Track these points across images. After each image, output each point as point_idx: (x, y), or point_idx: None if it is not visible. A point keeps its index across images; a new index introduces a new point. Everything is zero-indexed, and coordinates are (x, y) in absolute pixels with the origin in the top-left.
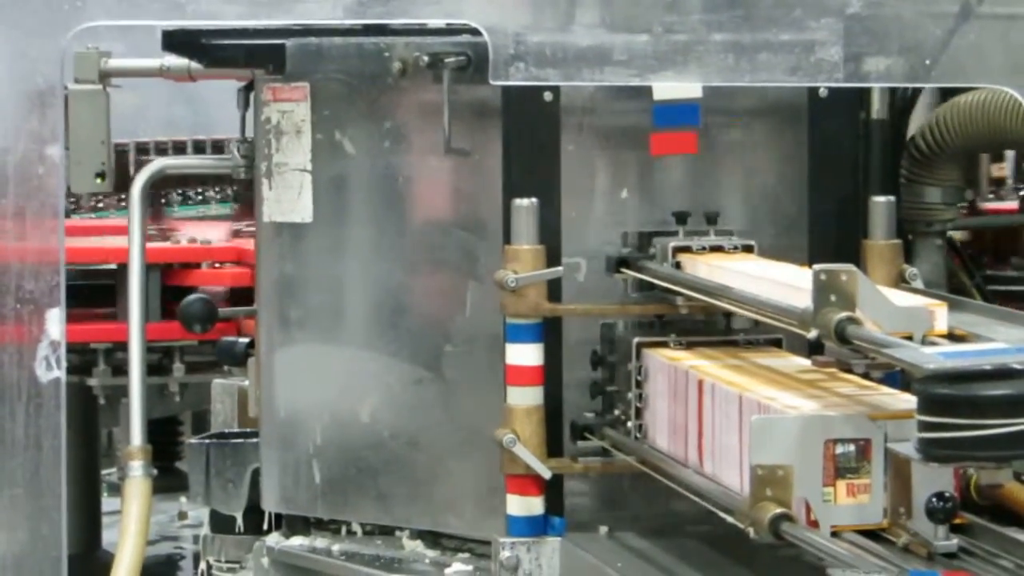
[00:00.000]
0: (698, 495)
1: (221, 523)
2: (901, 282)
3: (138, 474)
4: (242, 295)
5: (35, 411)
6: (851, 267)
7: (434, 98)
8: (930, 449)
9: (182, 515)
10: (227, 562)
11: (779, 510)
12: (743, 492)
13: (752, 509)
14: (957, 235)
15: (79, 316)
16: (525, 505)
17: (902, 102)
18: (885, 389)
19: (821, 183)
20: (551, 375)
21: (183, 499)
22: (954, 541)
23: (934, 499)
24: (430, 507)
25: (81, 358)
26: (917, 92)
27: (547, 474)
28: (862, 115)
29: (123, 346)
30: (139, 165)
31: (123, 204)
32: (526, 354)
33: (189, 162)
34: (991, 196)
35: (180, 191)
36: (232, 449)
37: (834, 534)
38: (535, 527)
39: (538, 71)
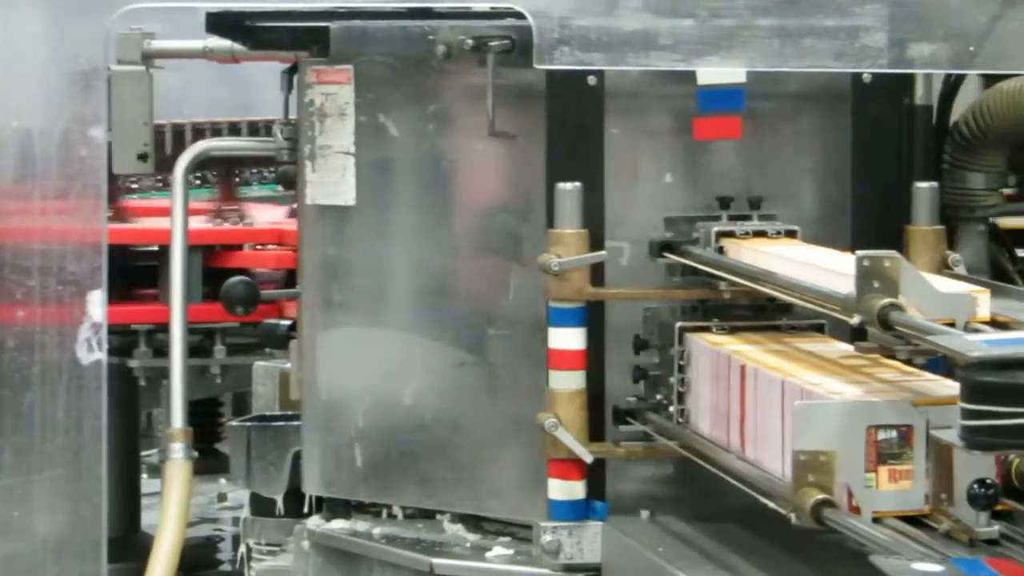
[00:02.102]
0: (740, 480)
1: (261, 506)
2: (944, 268)
3: (179, 456)
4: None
5: (76, 393)
6: (894, 253)
7: (478, 81)
8: (973, 436)
9: (222, 497)
10: (267, 545)
11: (821, 496)
12: (785, 477)
13: (794, 495)
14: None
15: (121, 297)
16: (567, 489)
17: (946, 87)
18: (928, 375)
19: (864, 169)
20: (594, 359)
21: (223, 481)
22: (996, 527)
23: (976, 485)
24: (472, 491)
25: (122, 339)
26: (960, 78)
27: (589, 458)
28: (906, 100)
29: (164, 327)
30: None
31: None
32: (569, 338)
33: (233, 144)
34: None
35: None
36: (274, 432)
37: (876, 520)
38: (577, 511)
39: (583, 55)
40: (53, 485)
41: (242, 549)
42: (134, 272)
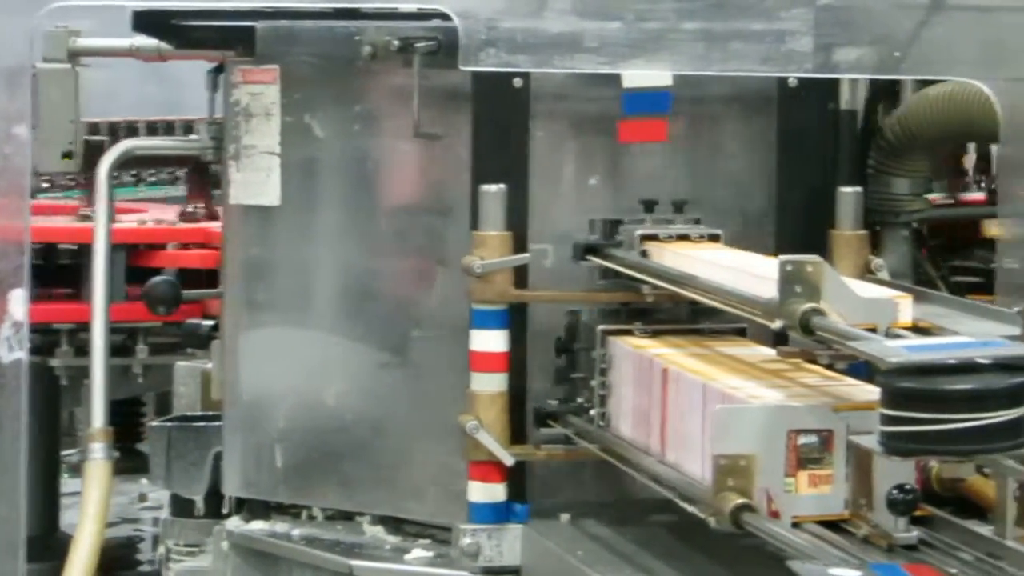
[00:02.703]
0: (660, 484)
1: (181, 506)
2: (867, 273)
3: (99, 456)
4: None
5: None
6: (817, 258)
7: (404, 82)
8: (892, 442)
9: (143, 497)
10: (186, 545)
11: (740, 500)
12: (705, 481)
13: (714, 498)
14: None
15: (42, 296)
16: (487, 492)
17: (872, 92)
18: (849, 380)
19: (789, 173)
20: (516, 361)
21: (144, 481)
22: (914, 533)
23: (895, 491)
24: (392, 493)
25: (44, 338)
26: (887, 83)
27: (510, 461)
28: (831, 105)
29: (86, 327)
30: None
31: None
32: (491, 340)
33: (157, 143)
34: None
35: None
36: (194, 432)
37: (795, 524)
38: (497, 514)
39: (508, 57)
40: None
41: (161, 550)
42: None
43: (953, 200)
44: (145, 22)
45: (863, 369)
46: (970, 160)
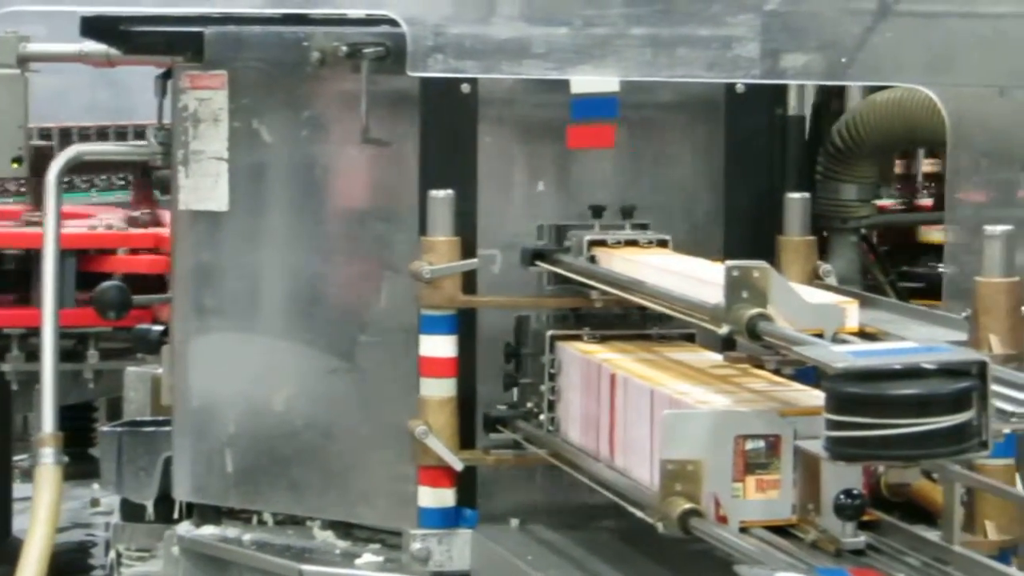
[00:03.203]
0: (609, 489)
1: (132, 511)
2: (815, 278)
3: (49, 461)
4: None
5: None
6: (763, 264)
7: (352, 88)
8: (838, 447)
9: (95, 502)
10: (137, 550)
11: (688, 505)
12: (653, 486)
13: (662, 503)
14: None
15: None
16: (437, 497)
17: (819, 98)
18: (796, 385)
19: (737, 179)
20: (465, 367)
21: (96, 486)
22: (862, 538)
23: (842, 496)
24: (342, 498)
25: None
26: (834, 89)
27: (459, 466)
28: (778, 111)
29: (37, 331)
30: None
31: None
32: (440, 345)
33: (106, 148)
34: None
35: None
36: (144, 437)
37: (743, 529)
38: (446, 519)
39: (456, 63)
40: None
41: (112, 555)
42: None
43: (902, 206)
44: (94, 27)
45: (810, 374)
46: (919, 166)
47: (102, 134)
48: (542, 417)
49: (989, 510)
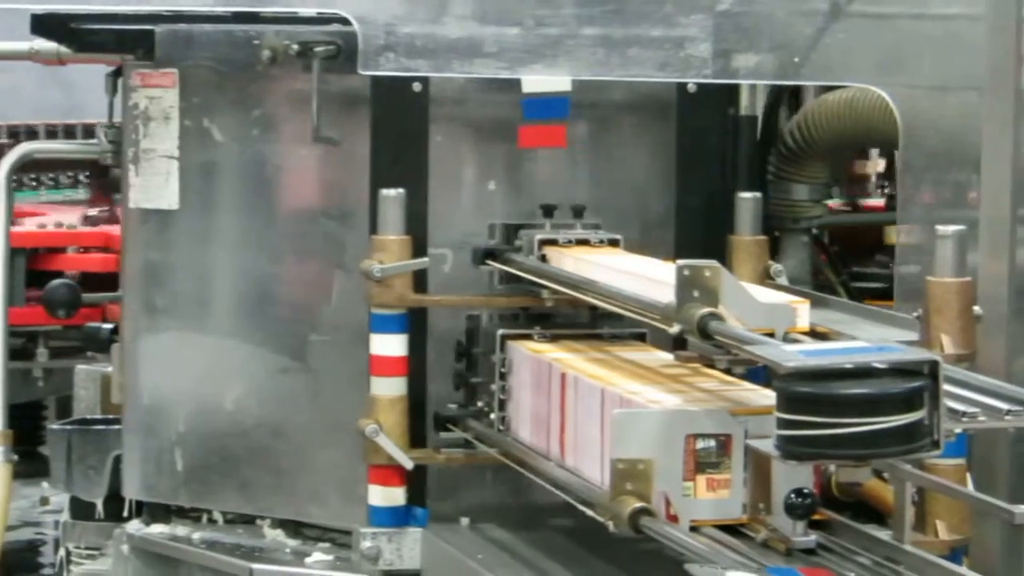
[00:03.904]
0: (559, 488)
1: (81, 509)
2: (767, 278)
3: None
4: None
5: None
6: (714, 263)
7: (303, 87)
8: (788, 446)
9: (44, 500)
10: (87, 549)
11: (639, 504)
12: (604, 485)
13: (612, 503)
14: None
15: None
16: (387, 495)
17: (771, 99)
18: (747, 385)
19: (688, 178)
20: (415, 366)
21: (46, 484)
22: (812, 537)
23: (793, 495)
24: (292, 496)
25: None
26: (786, 89)
27: (409, 465)
28: (730, 111)
29: None
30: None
31: None
32: (391, 344)
33: (57, 147)
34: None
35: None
36: (94, 435)
37: (694, 528)
38: (397, 517)
39: (407, 62)
40: None
41: (62, 553)
42: None
43: (852, 206)
44: (44, 25)
45: (761, 374)
46: (874, 166)
47: (51, 132)
48: (493, 416)
49: (940, 510)
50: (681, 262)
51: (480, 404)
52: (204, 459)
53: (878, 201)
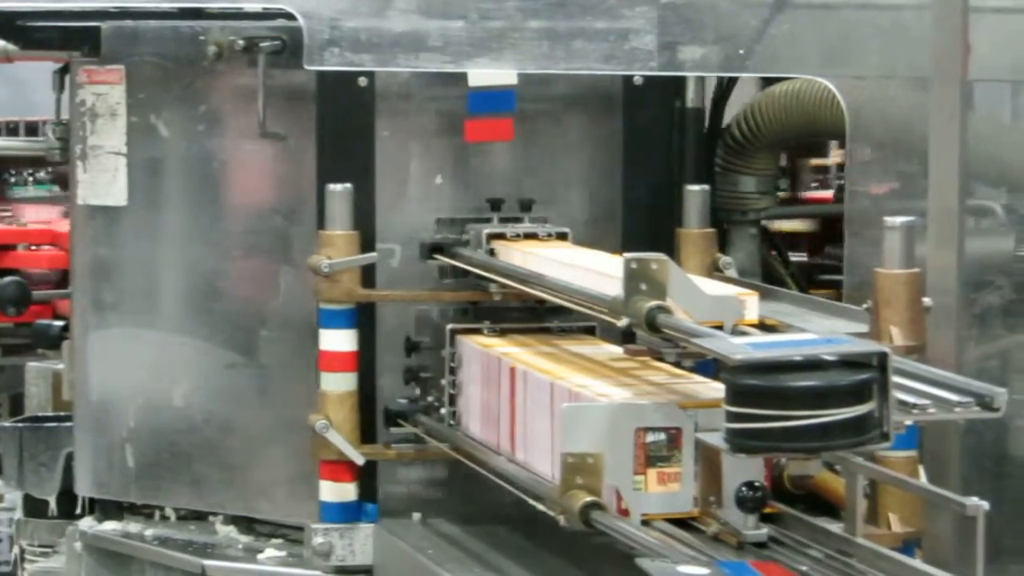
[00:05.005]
0: (509, 483)
1: (34, 507)
2: (715, 271)
3: None
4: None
5: None
6: (662, 256)
7: (249, 82)
8: (738, 440)
9: None
10: (40, 546)
11: (589, 498)
12: (554, 480)
13: (562, 497)
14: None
15: None
16: (338, 491)
17: (718, 91)
18: (697, 378)
19: (635, 171)
20: (365, 361)
21: None
22: (764, 530)
23: (744, 488)
24: (243, 492)
25: None
26: (733, 81)
27: (360, 460)
28: (677, 104)
29: None
30: None
31: None
32: (339, 340)
33: (3, 144)
34: (814, 185)
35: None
36: (45, 433)
37: (645, 522)
38: (348, 513)
39: (353, 56)
40: None
41: (15, 551)
42: None
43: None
44: None
45: (710, 367)
46: (834, 157)
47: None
48: (443, 411)
49: (892, 502)
50: (628, 255)
51: (430, 399)
52: (155, 455)
53: (825, 193)
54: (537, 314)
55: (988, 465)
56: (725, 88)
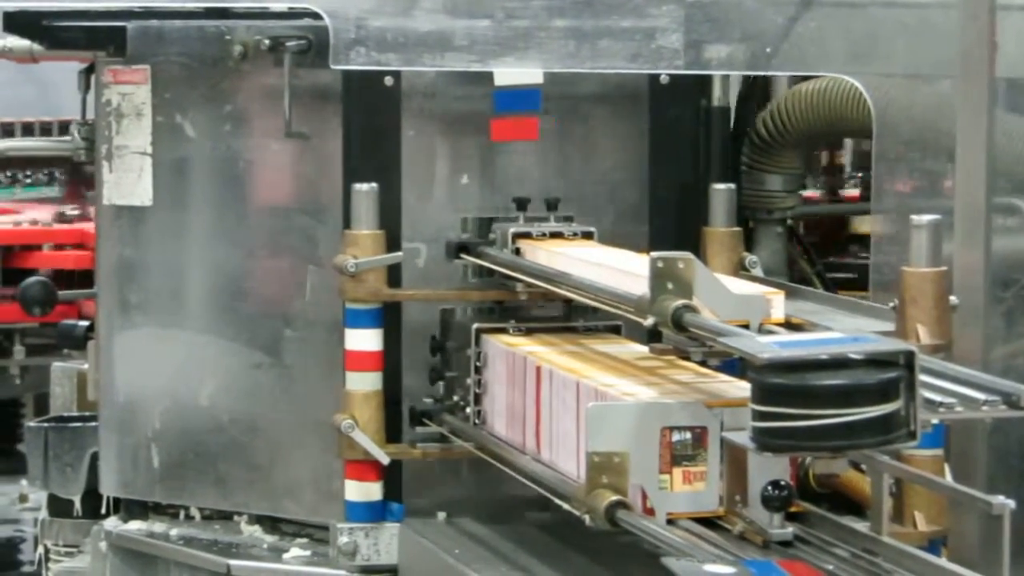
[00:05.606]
0: (535, 482)
1: (59, 507)
2: (741, 270)
3: None
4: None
5: None
6: (688, 255)
7: (275, 82)
8: (764, 439)
9: (23, 498)
10: (65, 546)
11: (615, 497)
12: (580, 479)
13: (588, 496)
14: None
15: None
16: (363, 491)
17: (744, 89)
18: (722, 377)
19: (661, 170)
20: (390, 360)
21: (24, 482)
22: (789, 529)
23: (769, 487)
24: (268, 492)
25: None
26: (759, 79)
27: (385, 460)
28: (703, 102)
29: None
30: None
31: None
32: (365, 339)
33: (30, 144)
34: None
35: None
36: (71, 433)
37: (670, 521)
38: (373, 513)
39: (379, 56)
40: None
41: (40, 550)
42: None
43: (828, 196)
44: (16, 23)
45: (736, 366)
46: (846, 156)
47: (27, 129)
48: (468, 410)
49: (918, 501)
50: (655, 254)
51: (455, 398)
52: (180, 455)
53: (853, 191)
54: (563, 313)
55: (1014, 464)
56: (752, 86)
